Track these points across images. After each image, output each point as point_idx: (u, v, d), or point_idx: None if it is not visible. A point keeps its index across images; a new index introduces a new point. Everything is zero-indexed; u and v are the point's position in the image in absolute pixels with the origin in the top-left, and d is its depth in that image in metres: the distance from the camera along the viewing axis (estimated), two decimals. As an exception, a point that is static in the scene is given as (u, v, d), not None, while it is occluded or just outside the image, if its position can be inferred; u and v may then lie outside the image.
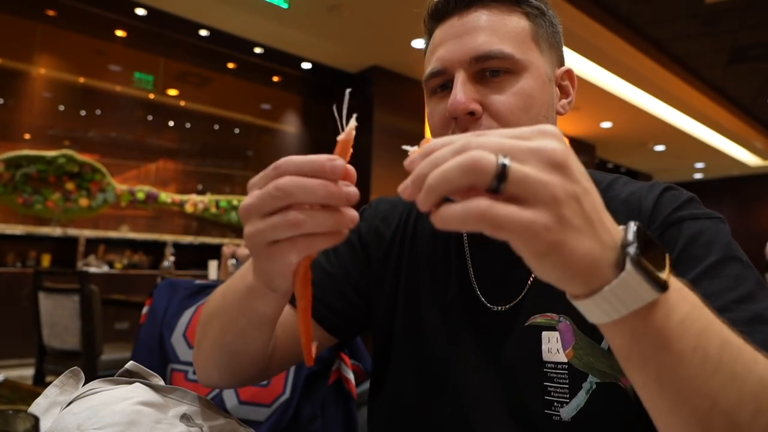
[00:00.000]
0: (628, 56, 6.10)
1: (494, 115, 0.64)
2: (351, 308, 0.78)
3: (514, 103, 0.64)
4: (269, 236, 0.44)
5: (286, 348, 0.73)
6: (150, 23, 5.75)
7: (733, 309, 0.53)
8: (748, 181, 12.42)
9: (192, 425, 0.59)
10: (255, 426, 0.97)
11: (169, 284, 1.24)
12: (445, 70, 0.67)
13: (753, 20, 5.56)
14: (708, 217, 0.62)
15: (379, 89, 6.67)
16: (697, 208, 0.63)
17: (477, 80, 0.66)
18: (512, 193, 0.33)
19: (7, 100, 5.28)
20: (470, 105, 0.64)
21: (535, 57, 0.67)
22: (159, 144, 6.25)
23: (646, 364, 0.38)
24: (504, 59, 0.64)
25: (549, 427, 0.62)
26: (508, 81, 0.65)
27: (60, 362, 2.81)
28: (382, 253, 0.79)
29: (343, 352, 1.05)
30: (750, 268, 0.57)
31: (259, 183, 0.45)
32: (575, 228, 0.34)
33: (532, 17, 0.69)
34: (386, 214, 0.82)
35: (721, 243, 0.59)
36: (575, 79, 0.74)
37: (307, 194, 0.42)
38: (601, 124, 8.76)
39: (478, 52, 0.64)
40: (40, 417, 0.52)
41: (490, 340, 0.68)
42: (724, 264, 0.56)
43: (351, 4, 5.14)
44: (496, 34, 0.65)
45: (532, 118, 0.65)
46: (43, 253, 5.23)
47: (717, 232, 0.60)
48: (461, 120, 0.65)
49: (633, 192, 0.67)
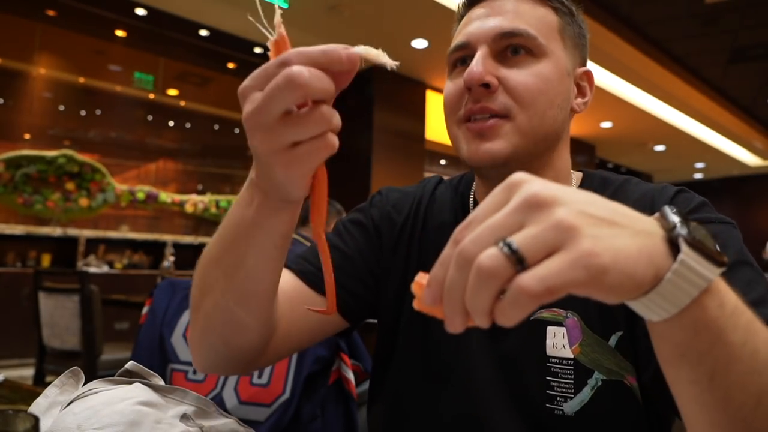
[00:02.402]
0: (628, 56, 6.10)
1: (510, 90, 0.65)
2: (365, 290, 0.78)
3: (530, 83, 0.65)
4: (290, 137, 0.42)
5: (290, 326, 0.69)
6: (150, 23, 5.74)
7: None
8: (748, 181, 12.41)
9: (192, 425, 0.59)
10: (255, 426, 0.97)
11: (169, 284, 1.24)
12: (468, 44, 0.68)
13: (753, 20, 5.56)
14: (721, 222, 0.63)
15: (379, 89, 6.67)
16: (710, 212, 0.64)
17: (498, 58, 0.67)
18: (537, 260, 0.31)
19: (7, 100, 5.28)
20: (486, 77, 0.64)
21: (558, 48, 0.68)
22: (159, 144, 6.25)
23: (703, 359, 0.37)
24: (528, 38, 0.66)
25: (552, 421, 0.63)
26: (527, 61, 0.66)
27: (60, 362, 2.81)
28: (393, 242, 0.80)
29: (342, 351, 1.05)
30: (761, 274, 0.58)
31: (259, 82, 0.42)
32: (606, 236, 0.31)
33: (561, 14, 0.70)
34: (397, 201, 0.83)
35: (734, 248, 0.59)
36: (593, 83, 0.75)
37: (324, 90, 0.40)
38: (601, 124, 8.76)
39: (504, 29, 0.66)
40: (40, 417, 0.52)
41: (494, 334, 0.68)
42: (736, 268, 0.57)
43: (351, 4, 5.14)
44: (523, 17, 0.67)
45: (546, 102, 0.66)
46: (43, 253, 5.22)
47: (730, 237, 0.61)
48: (475, 91, 0.65)
49: (645, 193, 0.68)
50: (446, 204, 0.80)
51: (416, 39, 5.79)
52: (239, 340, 0.62)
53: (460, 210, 0.78)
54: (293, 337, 0.71)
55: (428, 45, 5.88)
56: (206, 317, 0.61)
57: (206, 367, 0.67)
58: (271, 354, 0.69)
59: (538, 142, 0.67)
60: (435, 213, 0.79)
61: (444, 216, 0.78)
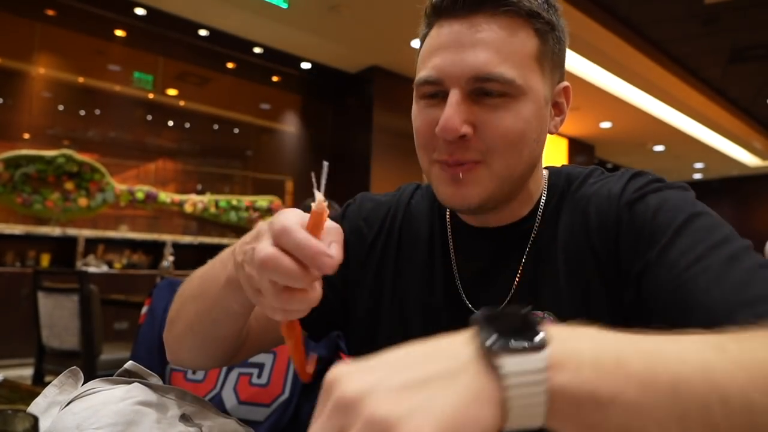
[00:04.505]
0: (628, 56, 6.11)
1: (485, 138, 0.62)
2: (326, 306, 0.78)
3: (507, 128, 0.62)
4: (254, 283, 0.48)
5: (258, 336, 0.74)
6: (149, 23, 5.74)
7: (709, 255, 0.54)
8: (747, 182, 12.42)
9: (191, 425, 0.59)
10: (254, 426, 0.97)
11: (169, 284, 1.24)
12: (440, 81, 0.63)
13: (753, 20, 5.56)
14: (669, 188, 0.64)
15: (379, 89, 6.67)
16: (661, 183, 0.65)
17: (472, 98, 0.62)
18: None
19: (6, 100, 5.28)
20: (462, 128, 0.61)
21: (536, 81, 0.64)
22: (158, 144, 6.25)
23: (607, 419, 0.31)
24: (504, 83, 0.61)
25: None
26: (504, 104, 0.62)
27: (59, 362, 2.81)
28: (363, 255, 0.78)
29: (342, 352, 1.05)
30: (721, 222, 0.59)
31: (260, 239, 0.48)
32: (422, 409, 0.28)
33: (541, 34, 0.64)
34: (369, 214, 0.80)
35: (687, 203, 0.61)
36: (571, 96, 0.72)
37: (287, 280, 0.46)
38: (601, 124, 8.76)
39: (479, 73, 0.61)
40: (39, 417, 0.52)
41: None
42: (692, 220, 0.58)
43: (350, 4, 5.14)
44: (499, 52, 0.61)
45: (523, 144, 0.63)
46: (42, 253, 5.22)
47: (682, 197, 0.62)
48: (449, 143, 0.62)
49: (604, 183, 0.68)
50: (422, 216, 0.78)
51: (416, 39, 5.78)
52: (208, 354, 0.69)
53: (438, 223, 0.76)
54: (259, 343, 0.76)
55: (428, 45, 5.87)
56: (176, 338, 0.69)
57: (179, 364, 0.74)
58: (240, 357, 0.75)
59: (515, 181, 0.65)
60: (411, 228, 0.77)
61: (420, 231, 0.76)
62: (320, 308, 0.77)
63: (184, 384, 1.07)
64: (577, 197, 0.69)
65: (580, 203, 0.68)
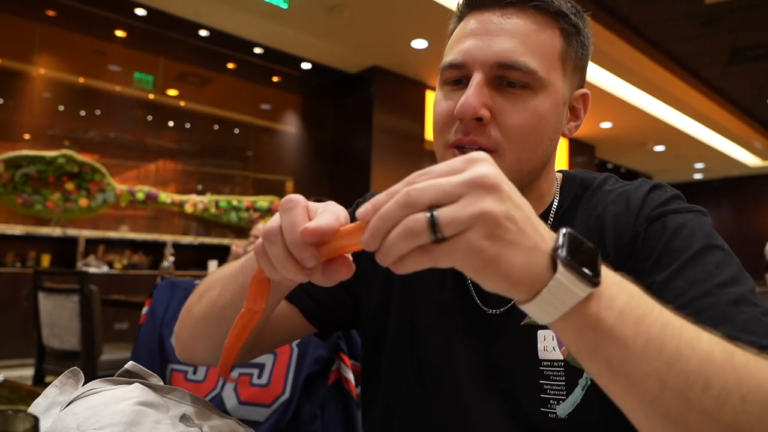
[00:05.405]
0: (628, 56, 6.11)
1: (501, 126, 0.63)
2: (337, 303, 0.79)
3: (523, 120, 0.63)
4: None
5: (272, 331, 0.75)
6: (150, 23, 5.75)
7: (717, 293, 0.54)
8: (747, 182, 12.42)
9: (191, 425, 0.59)
10: (255, 426, 0.97)
11: (169, 284, 1.24)
12: (464, 64, 0.65)
13: (753, 20, 5.56)
14: (690, 211, 0.64)
15: (379, 89, 6.67)
16: (681, 204, 0.65)
17: (493, 86, 0.64)
18: (452, 234, 0.37)
19: (7, 100, 5.29)
20: (480, 110, 0.62)
21: (557, 78, 0.66)
22: (159, 144, 6.25)
23: (595, 355, 0.41)
24: (526, 73, 0.62)
25: (546, 424, 0.63)
26: (523, 96, 0.63)
27: (59, 362, 2.81)
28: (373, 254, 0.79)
29: (342, 352, 1.05)
30: (732, 256, 0.59)
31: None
32: (508, 242, 0.38)
33: (566, 35, 0.67)
34: None
35: (703, 233, 0.61)
36: (589, 105, 0.73)
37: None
38: (601, 125, 8.76)
39: (503, 59, 0.62)
40: (40, 417, 0.52)
41: (485, 342, 0.68)
42: (706, 252, 0.59)
43: (351, 4, 5.15)
44: (525, 43, 0.63)
45: (537, 139, 0.65)
46: (42, 253, 5.22)
47: (699, 224, 0.62)
48: (467, 123, 0.63)
49: (622, 192, 0.69)
50: None
51: (416, 39, 5.80)
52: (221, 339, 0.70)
53: None
54: (266, 342, 0.76)
55: (428, 45, 5.89)
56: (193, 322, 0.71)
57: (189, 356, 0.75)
58: (253, 354, 0.77)
59: (524, 176, 0.66)
60: None
61: None
62: (331, 305, 0.78)
63: (185, 384, 1.07)
64: (592, 203, 0.70)
65: (596, 209, 0.69)
